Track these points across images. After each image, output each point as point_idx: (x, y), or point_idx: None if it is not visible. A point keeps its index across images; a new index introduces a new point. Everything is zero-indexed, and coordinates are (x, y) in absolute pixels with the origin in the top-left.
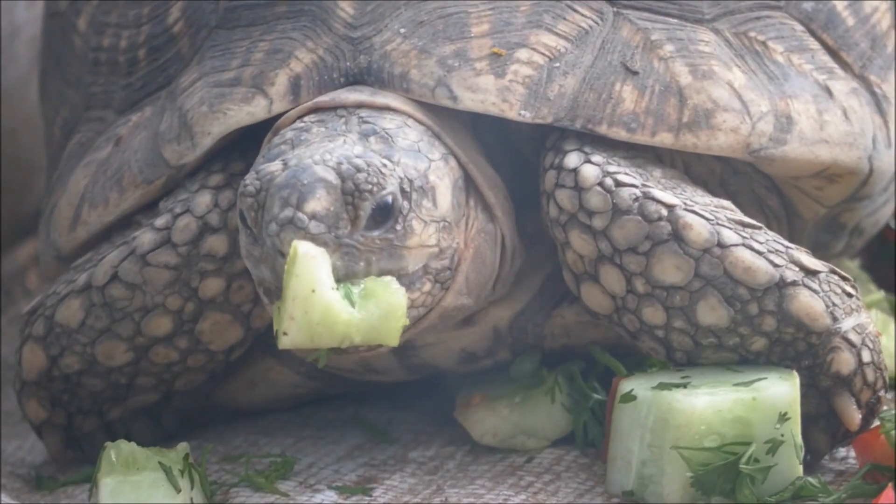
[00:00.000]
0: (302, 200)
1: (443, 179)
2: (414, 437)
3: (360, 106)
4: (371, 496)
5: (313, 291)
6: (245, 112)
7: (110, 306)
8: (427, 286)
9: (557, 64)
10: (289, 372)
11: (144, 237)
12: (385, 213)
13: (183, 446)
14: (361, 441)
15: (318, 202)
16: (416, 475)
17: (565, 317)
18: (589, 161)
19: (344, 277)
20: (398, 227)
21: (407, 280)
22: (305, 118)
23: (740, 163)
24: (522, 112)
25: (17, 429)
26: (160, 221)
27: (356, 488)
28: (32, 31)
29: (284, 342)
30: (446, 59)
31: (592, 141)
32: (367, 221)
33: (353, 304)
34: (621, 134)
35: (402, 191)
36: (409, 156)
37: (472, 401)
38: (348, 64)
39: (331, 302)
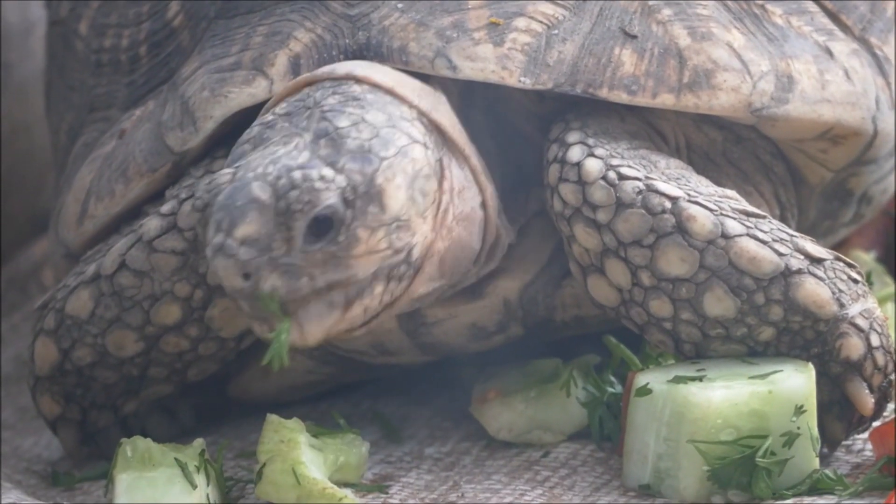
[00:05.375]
0: (232, 226)
1: (394, 178)
2: (430, 433)
3: (349, 79)
4: (387, 493)
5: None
6: (246, 94)
7: (119, 295)
8: (379, 288)
9: (556, 31)
10: (302, 357)
11: (150, 223)
12: (324, 227)
13: (199, 442)
14: (377, 437)
15: (249, 226)
16: (433, 472)
17: (575, 286)
18: (592, 154)
19: (286, 295)
20: (341, 238)
21: (356, 288)
22: (276, 109)
23: (743, 129)
24: (522, 79)
25: (32, 425)
26: (166, 207)
27: (372, 486)
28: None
29: None
30: (444, 30)
31: (595, 133)
32: (305, 237)
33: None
34: (622, 97)
35: (345, 200)
36: (355, 159)
37: (488, 396)
38: (347, 41)
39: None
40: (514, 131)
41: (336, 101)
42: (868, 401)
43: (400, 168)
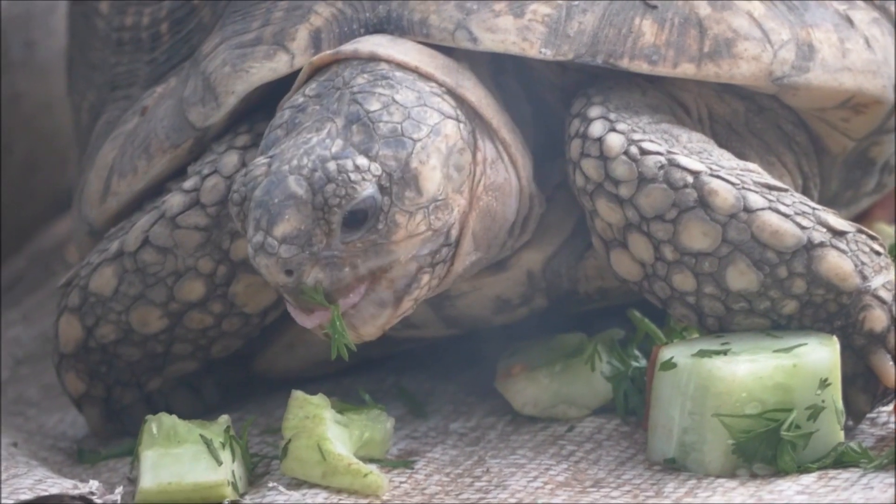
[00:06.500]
0: (271, 224)
1: (428, 160)
2: (455, 409)
3: (373, 58)
4: (413, 468)
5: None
6: (267, 68)
7: (143, 272)
8: (425, 278)
9: (576, 2)
10: None
11: (174, 200)
12: (362, 217)
13: (224, 419)
14: (402, 413)
15: (288, 224)
16: (458, 447)
17: (598, 258)
18: (614, 129)
19: (330, 286)
20: (380, 226)
21: (403, 281)
22: (307, 89)
23: (765, 98)
24: (543, 50)
25: (57, 402)
26: (189, 184)
27: (398, 462)
28: None
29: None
30: (464, 2)
31: (617, 108)
32: (344, 228)
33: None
34: (643, 67)
35: (381, 187)
36: (389, 144)
37: (513, 371)
38: (367, 15)
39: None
40: (540, 102)
41: (365, 82)
42: (892, 372)
43: (434, 148)
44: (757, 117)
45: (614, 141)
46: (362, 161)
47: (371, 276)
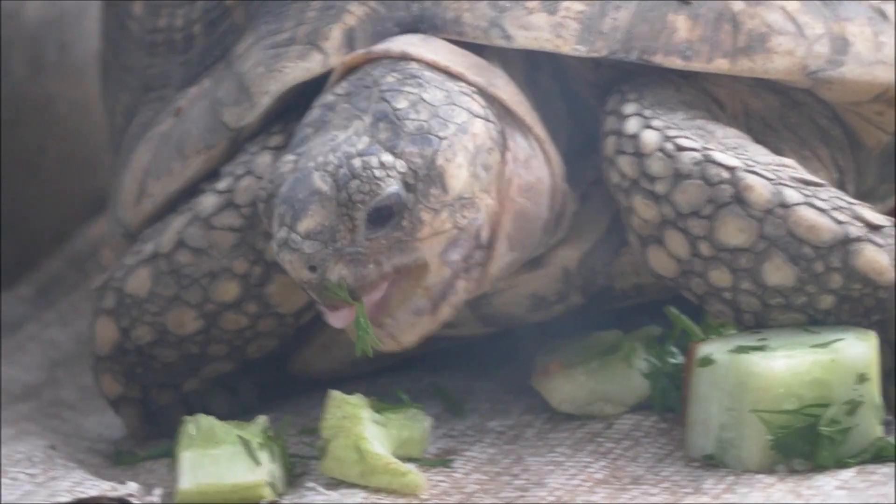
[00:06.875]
0: (295, 220)
1: (454, 158)
2: (492, 407)
3: (404, 58)
4: (451, 468)
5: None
6: (301, 68)
7: (178, 273)
8: (461, 284)
9: None
10: None
11: (207, 201)
12: (386, 213)
13: (262, 419)
14: (440, 411)
15: (312, 219)
16: (496, 445)
17: (634, 254)
18: (649, 126)
19: (354, 283)
20: (404, 223)
21: (439, 288)
22: (338, 88)
23: (800, 93)
24: (577, 47)
25: (94, 404)
26: (222, 184)
27: (436, 461)
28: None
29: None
30: (498, 0)
31: (652, 104)
32: (368, 225)
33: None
34: (677, 62)
35: (406, 185)
36: (415, 142)
37: (550, 368)
38: (401, 13)
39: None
40: (575, 98)
41: (394, 80)
42: None
43: (460, 146)
44: (792, 112)
45: (650, 138)
46: (387, 158)
47: (396, 273)
